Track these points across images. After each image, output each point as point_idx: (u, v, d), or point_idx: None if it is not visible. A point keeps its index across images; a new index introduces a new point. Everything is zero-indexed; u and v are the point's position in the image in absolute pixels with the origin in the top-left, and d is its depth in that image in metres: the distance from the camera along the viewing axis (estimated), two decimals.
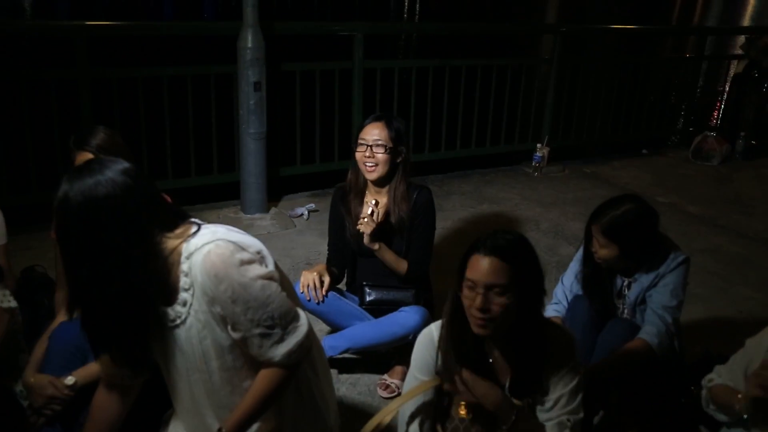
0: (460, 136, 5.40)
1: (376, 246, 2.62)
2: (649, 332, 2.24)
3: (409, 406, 1.85)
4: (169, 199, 2.71)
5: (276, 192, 4.68)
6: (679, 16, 30.24)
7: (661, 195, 5.12)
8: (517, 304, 1.65)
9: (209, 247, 1.51)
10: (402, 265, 2.69)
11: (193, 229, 1.56)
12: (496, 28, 7.07)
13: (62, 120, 3.94)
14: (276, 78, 4.42)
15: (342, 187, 2.81)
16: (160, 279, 1.53)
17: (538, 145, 5.53)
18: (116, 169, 1.49)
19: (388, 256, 2.67)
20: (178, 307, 1.56)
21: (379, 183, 2.69)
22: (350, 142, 4.78)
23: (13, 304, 2.24)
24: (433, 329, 1.86)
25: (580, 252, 2.46)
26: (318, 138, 4.75)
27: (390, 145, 2.61)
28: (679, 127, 6.92)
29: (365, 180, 2.71)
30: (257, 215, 4.31)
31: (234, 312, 1.52)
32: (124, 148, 2.58)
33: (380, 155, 2.61)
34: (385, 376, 2.76)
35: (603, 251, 2.28)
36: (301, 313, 1.66)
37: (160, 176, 4.33)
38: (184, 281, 1.53)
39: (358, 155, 2.64)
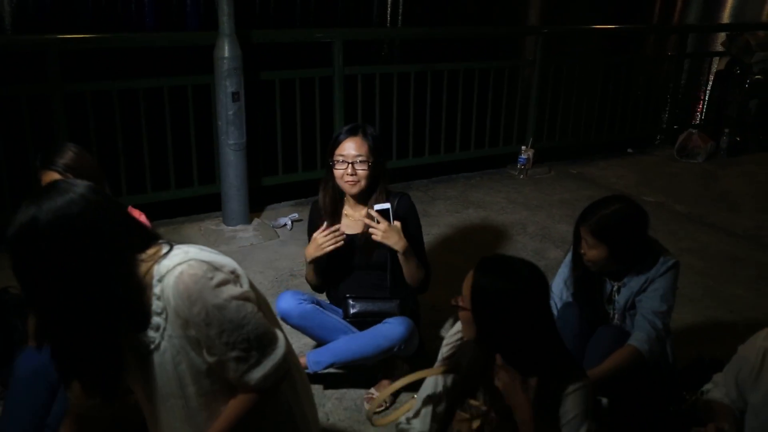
0: (444, 141, 5.35)
1: (401, 248, 2.49)
2: (639, 338, 2.19)
3: (426, 389, 1.88)
4: (142, 218, 2.66)
5: (259, 202, 4.60)
6: (660, 15, 30.42)
7: (648, 194, 5.09)
8: None
9: (182, 268, 1.44)
10: (421, 272, 2.61)
11: (164, 249, 1.50)
12: (475, 31, 7.03)
13: (37, 137, 3.85)
14: (256, 87, 4.35)
15: (317, 204, 2.71)
16: (134, 303, 1.46)
17: (523, 148, 5.49)
18: (86, 187, 1.43)
19: (413, 262, 2.55)
20: (151, 332, 1.50)
21: (360, 197, 2.60)
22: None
23: None
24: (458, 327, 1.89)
25: (569, 257, 2.41)
26: (300, 146, 4.68)
27: (371, 159, 2.52)
28: (664, 125, 6.92)
29: (339, 196, 2.62)
30: (239, 227, 4.23)
31: (208, 335, 1.45)
32: (93, 166, 2.51)
33: (362, 171, 2.51)
34: (372, 390, 2.69)
35: (592, 252, 2.23)
36: (279, 334, 1.60)
37: (139, 190, 4.25)
38: (156, 305, 1.47)
39: (337, 172, 2.54)
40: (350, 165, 2.51)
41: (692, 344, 2.91)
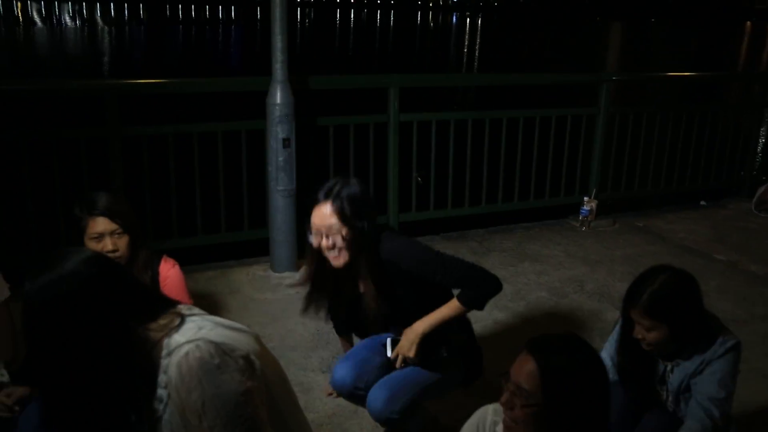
0: (502, 190, 5.19)
1: (422, 332, 2.32)
2: (692, 428, 1.96)
3: None
4: (174, 269, 2.61)
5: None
6: (745, 63, 29.43)
7: (720, 252, 4.77)
8: None
9: (188, 348, 1.37)
10: (454, 306, 2.32)
11: (177, 321, 1.43)
12: (538, 79, 6.88)
13: (92, 176, 3.93)
14: (310, 132, 4.33)
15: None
16: (141, 375, 1.40)
17: (586, 198, 5.26)
18: (79, 260, 1.38)
19: (448, 314, 2.32)
20: (156, 403, 1.43)
21: (350, 267, 2.36)
22: (385, 197, 4.69)
23: (5, 378, 2.14)
24: (489, 411, 1.69)
25: (616, 333, 2.20)
26: None
27: (345, 228, 2.26)
28: (741, 177, 6.53)
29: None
30: (286, 273, 4.18)
31: (200, 425, 1.36)
32: (130, 211, 2.52)
33: (340, 242, 2.27)
34: None
35: (652, 335, 2.00)
36: None
37: (190, 233, 4.28)
38: (161, 378, 1.40)
39: (314, 242, 2.32)
40: (326, 237, 2.29)
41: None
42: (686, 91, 10.10)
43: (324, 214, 2.27)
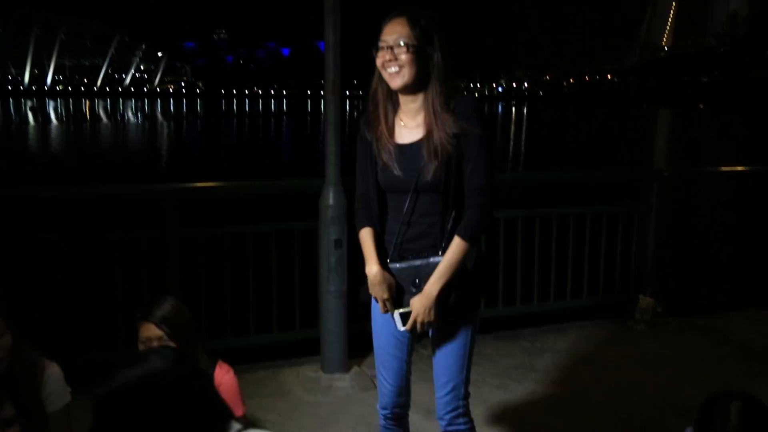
0: (554, 287, 5.12)
1: (434, 293, 2.25)
2: None
3: None
4: (229, 375, 2.65)
5: (361, 348, 4.52)
6: None
7: None
8: None
9: None
10: (458, 248, 2.23)
11: None
12: (587, 176, 6.90)
13: (150, 276, 4.05)
14: None
15: (364, 114, 2.38)
16: None
17: (641, 297, 5.14)
18: (163, 358, 1.42)
19: (461, 257, 2.24)
20: None
21: (409, 91, 2.26)
22: None
23: None
24: None
25: None
26: None
27: (414, 43, 2.19)
28: None
29: (392, 104, 2.32)
30: (336, 375, 4.15)
31: None
32: (188, 320, 2.58)
33: (404, 56, 2.18)
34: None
35: None
36: None
37: (243, 332, 4.32)
38: None
39: (378, 61, 2.24)
40: (389, 49, 2.20)
41: None
42: (742, 183, 9.94)
43: (402, 26, 2.20)
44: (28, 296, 3.78)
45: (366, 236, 2.41)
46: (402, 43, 2.19)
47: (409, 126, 2.32)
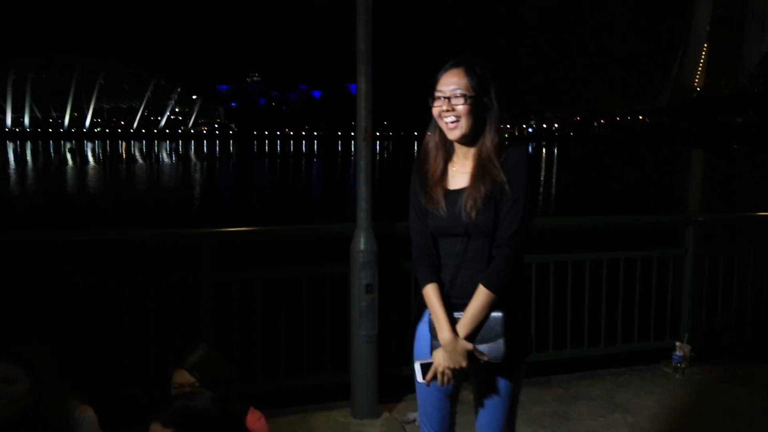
0: (588, 333, 5.03)
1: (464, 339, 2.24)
2: None
3: None
4: (261, 422, 2.65)
5: (392, 393, 4.48)
6: None
7: None
8: None
9: None
10: (484, 297, 2.24)
11: None
12: (621, 220, 6.82)
13: (183, 318, 4.09)
14: (395, 276, 4.39)
15: (418, 160, 2.41)
16: None
17: (677, 343, 5.03)
18: (200, 403, 1.45)
19: (473, 318, 2.24)
20: None
21: (464, 140, 2.29)
22: None
23: None
24: None
25: None
26: None
27: (472, 94, 2.23)
28: None
29: (446, 151, 2.35)
30: (366, 420, 4.11)
31: None
32: (222, 367, 2.59)
33: (461, 107, 2.23)
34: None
35: None
36: None
37: (273, 375, 4.32)
38: None
39: (435, 110, 2.28)
40: (446, 100, 2.24)
41: None
42: None
43: (459, 77, 2.24)
44: (64, 339, 3.84)
45: (432, 294, 2.38)
46: (459, 94, 2.24)
47: (460, 171, 2.35)
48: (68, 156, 66.87)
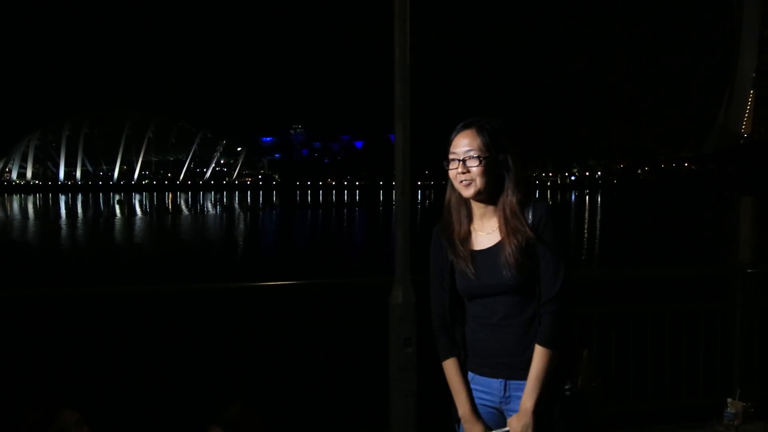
0: (633, 387, 4.88)
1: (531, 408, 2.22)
2: None
3: None
4: None
5: None
6: None
7: None
8: None
9: None
10: (543, 357, 2.23)
11: None
12: (667, 272, 6.68)
13: (221, 373, 4.11)
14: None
15: (441, 224, 2.42)
16: None
17: (729, 400, 4.83)
18: None
19: (538, 383, 2.22)
20: None
21: (483, 200, 2.31)
22: None
23: None
24: None
25: None
26: None
27: (485, 154, 2.25)
28: None
29: (466, 212, 2.36)
30: None
31: None
32: (257, 423, 2.59)
33: (475, 168, 2.25)
34: None
35: None
36: None
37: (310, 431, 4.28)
38: None
39: (451, 173, 2.30)
40: (461, 162, 2.26)
41: None
42: None
43: (471, 138, 2.26)
44: (105, 393, 3.89)
45: (452, 370, 2.41)
46: (472, 155, 2.26)
47: (483, 231, 2.36)
48: (117, 208, 68.84)
